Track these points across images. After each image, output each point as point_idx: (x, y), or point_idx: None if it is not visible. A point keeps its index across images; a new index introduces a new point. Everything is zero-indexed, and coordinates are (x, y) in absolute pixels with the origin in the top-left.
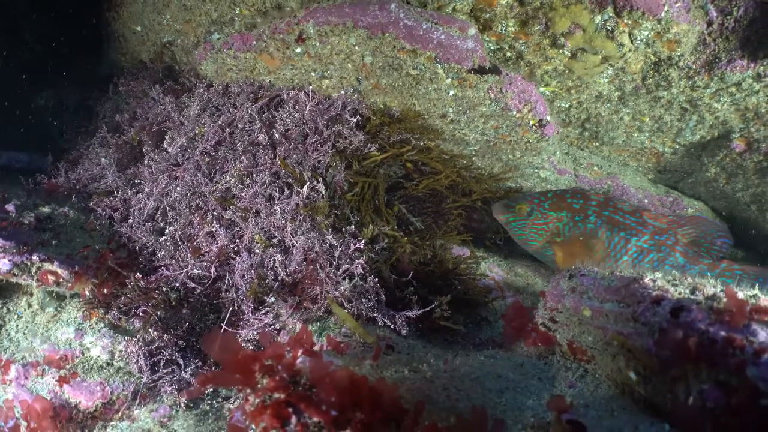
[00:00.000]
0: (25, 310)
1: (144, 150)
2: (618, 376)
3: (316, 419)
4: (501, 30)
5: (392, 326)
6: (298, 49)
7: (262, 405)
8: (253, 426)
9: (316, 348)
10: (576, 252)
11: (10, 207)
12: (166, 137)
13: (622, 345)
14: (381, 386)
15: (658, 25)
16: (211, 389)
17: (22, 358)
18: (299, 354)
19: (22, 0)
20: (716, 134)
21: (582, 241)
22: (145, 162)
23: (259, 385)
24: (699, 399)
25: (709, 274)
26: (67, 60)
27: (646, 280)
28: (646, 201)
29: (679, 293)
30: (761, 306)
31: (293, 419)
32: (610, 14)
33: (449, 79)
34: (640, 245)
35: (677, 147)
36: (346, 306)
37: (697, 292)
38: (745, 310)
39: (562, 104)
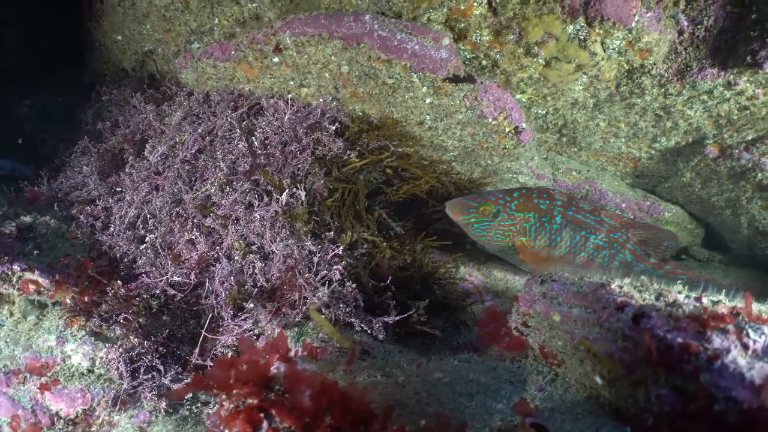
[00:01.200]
0: (7, 318)
1: (125, 158)
2: (585, 381)
3: (287, 424)
4: (476, 39)
5: (369, 331)
6: (276, 59)
7: (236, 410)
8: (227, 431)
9: (292, 354)
10: (538, 250)
11: None
12: (147, 145)
13: (589, 350)
14: (351, 391)
15: (630, 35)
16: (191, 394)
17: (3, 366)
18: (275, 360)
19: (6, 9)
20: (690, 140)
21: (544, 239)
22: (127, 170)
23: (234, 391)
24: (657, 403)
25: (652, 273)
26: (50, 69)
27: (612, 286)
28: (624, 205)
29: (644, 299)
30: (718, 313)
31: (264, 424)
32: (582, 24)
33: (425, 88)
34: (596, 242)
35: (653, 152)
36: (324, 311)
37: (661, 299)
38: (702, 317)
39: (539, 111)
